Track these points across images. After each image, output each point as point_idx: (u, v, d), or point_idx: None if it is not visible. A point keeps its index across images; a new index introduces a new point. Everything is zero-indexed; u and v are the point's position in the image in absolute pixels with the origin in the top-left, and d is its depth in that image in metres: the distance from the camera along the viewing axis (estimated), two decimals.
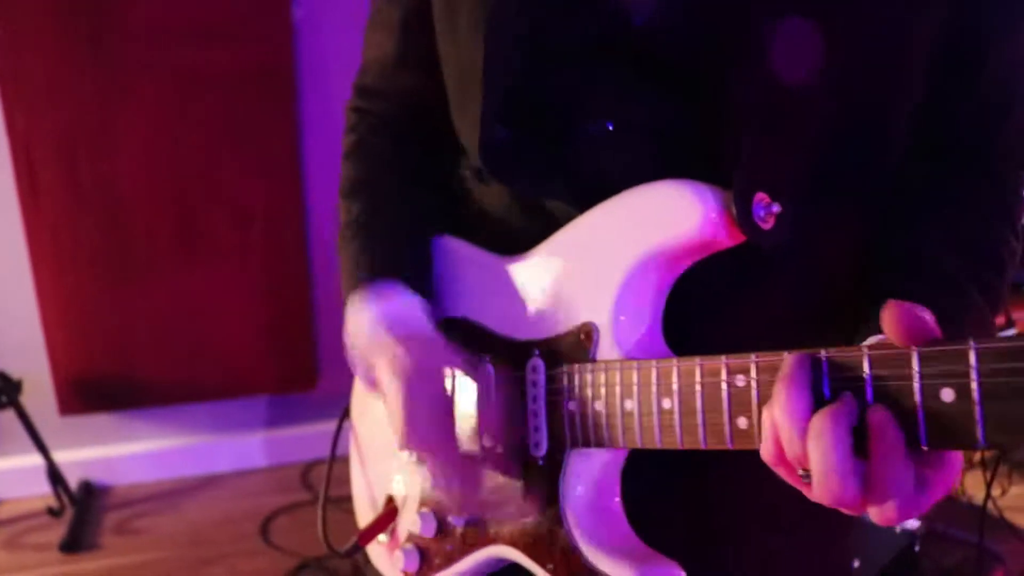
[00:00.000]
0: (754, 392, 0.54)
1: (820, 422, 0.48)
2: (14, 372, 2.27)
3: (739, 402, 0.54)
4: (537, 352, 0.69)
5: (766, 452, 0.52)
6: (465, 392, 0.70)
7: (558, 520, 0.66)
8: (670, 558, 0.63)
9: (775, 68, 0.58)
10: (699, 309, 0.65)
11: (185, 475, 2.60)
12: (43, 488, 2.37)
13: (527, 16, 0.67)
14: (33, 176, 2.22)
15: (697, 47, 0.63)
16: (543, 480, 0.68)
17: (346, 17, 2.37)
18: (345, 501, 2.80)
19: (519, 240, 0.72)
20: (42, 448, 2.30)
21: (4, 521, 2.39)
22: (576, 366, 0.65)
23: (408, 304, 0.72)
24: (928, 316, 0.46)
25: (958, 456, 0.49)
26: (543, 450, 0.68)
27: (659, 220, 0.60)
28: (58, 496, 2.33)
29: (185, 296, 2.44)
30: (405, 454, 0.83)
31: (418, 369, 0.67)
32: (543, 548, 0.68)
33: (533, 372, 0.69)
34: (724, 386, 0.55)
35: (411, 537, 0.81)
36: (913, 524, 1.61)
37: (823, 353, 0.50)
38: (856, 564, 1.47)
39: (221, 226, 2.41)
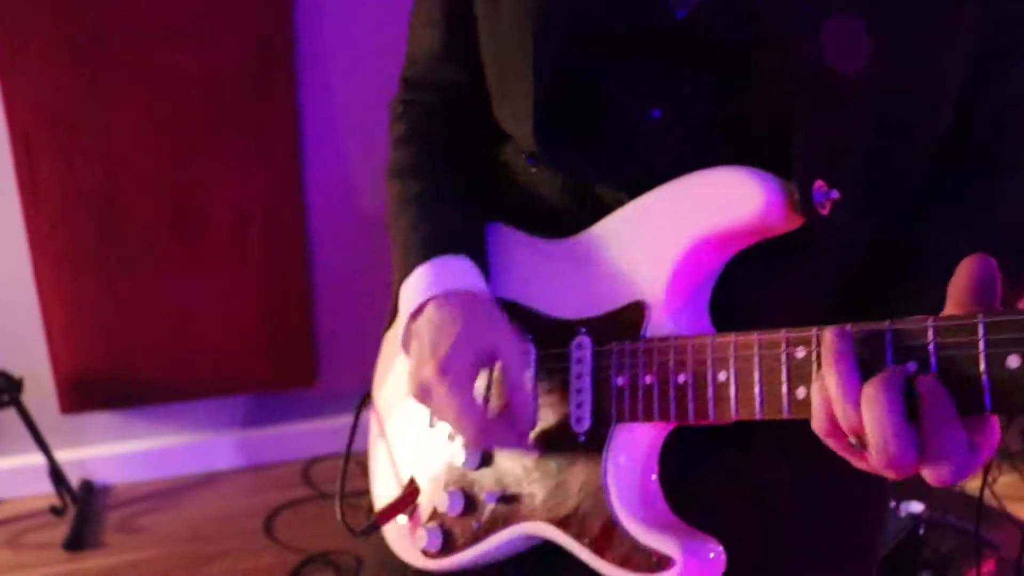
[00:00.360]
0: (815, 364, 0.56)
1: (873, 388, 0.50)
2: (14, 371, 2.26)
3: (799, 374, 0.56)
4: (584, 330, 0.71)
5: (819, 424, 0.54)
6: (510, 369, 0.71)
7: (599, 494, 0.68)
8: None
9: (823, 59, 0.61)
10: (744, 290, 0.67)
11: (185, 473, 2.59)
12: (43, 487, 2.36)
13: (572, 5, 0.69)
14: (34, 176, 2.21)
15: (740, 39, 0.65)
16: (584, 455, 0.70)
17: (346, 12, 2.38)
18: (351, 496, 2.80)
19: (567, 224, 0.74)
20: (44, 447, 2.29)
21: (6, 520, 2.37)
22: (627, 343, 0.67)
23: (470, 275, 0.74)
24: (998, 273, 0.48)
25: (996, 421, 0.52)
26: (585, 426, 0.70)
27: (720, 203, 0.63)
28: (60, 495, 2.32)
29: (184, 294, 2.43)
30: (431, 435, 0.84)
31: (469, 334, 0.69)
32: (581, 523, 0.69)
33: (579, 349, 0.71)
34: (784, 358, 0.57)
35: (435, 516, 0.82)
36: (918, 508, 1.65)
37: (887, 324, 0.52)
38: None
39: (220, 223, 2.41)
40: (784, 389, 0.57)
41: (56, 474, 2.31)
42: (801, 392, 0.57)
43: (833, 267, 0.70)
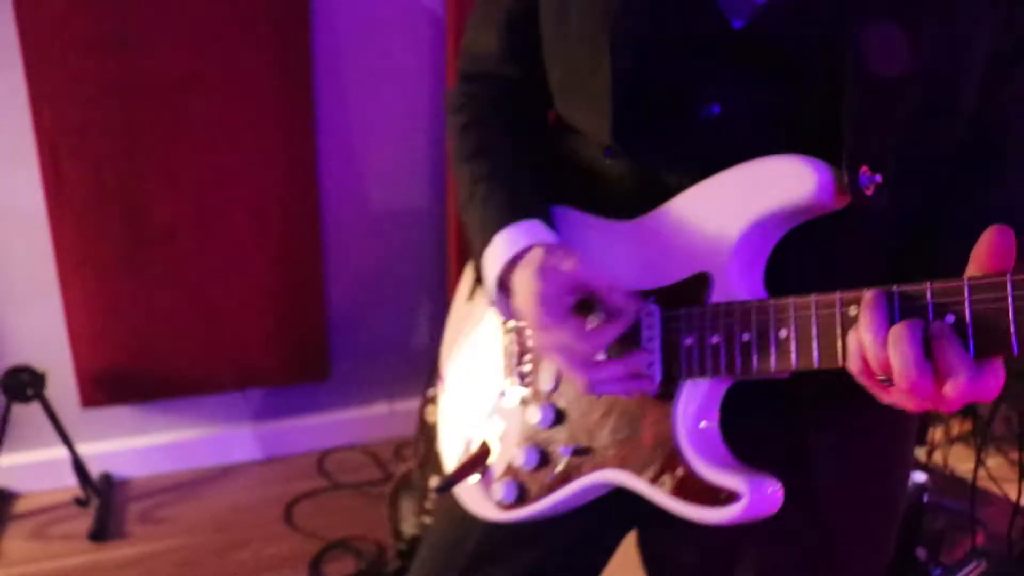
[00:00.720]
0: None
1: (897, 329, 0.61)
2: (37, 365, 2.31)
3: (852, 327, 0.66)
4: (653, 299, 0.80)
5: (853, 364, 0.65)
6: (610, 301, 0.79)
7: (669, 442, 0.78)
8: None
9: (866, 61, 0.71)
10: (795, 263, 0.77)
11: (202, 466, 2.66)
12: (64, 481, 2.41)
13: (642, 18, 0.78)
14: (59, 173, 2.26)
15: (791, 45, 0.75)
16: (655, 408, 0.79)
17: (362, 11, 2.46)
18: (366, 485, 2.90)
19: (631, 207, 0.83)
20: (67, 441, 2.35)
21: (28, 513, 2.43)
22: (694, 308, 0.77)
23: (546, 234, 0.84)
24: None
25: (1002, 365, 0.61)
26: (655, 384, 0.80)
27: (778, 186, 0.72)
28: (84, 487, 2.38)
29: (202, 289, 2.49)
30: (502, 400, 0.93)
31: (561, 276, 0.78)
32: (653, 468, 0.79)
33: (648, 316, 0.80)
34: (838, 315, 0.67)
35: (510, 471, 0.91)
36: (921, 478, 1.76)
37: (927, 284, 0.62)
38: None
39: (237, 218, 2.47)
40: (839, 342, 0.67)
41: (79, 467, 2.37)
42: None
43: (872, 245, 0.80)
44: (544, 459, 0.87)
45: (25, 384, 2.29)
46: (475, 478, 0.95)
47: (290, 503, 2.49)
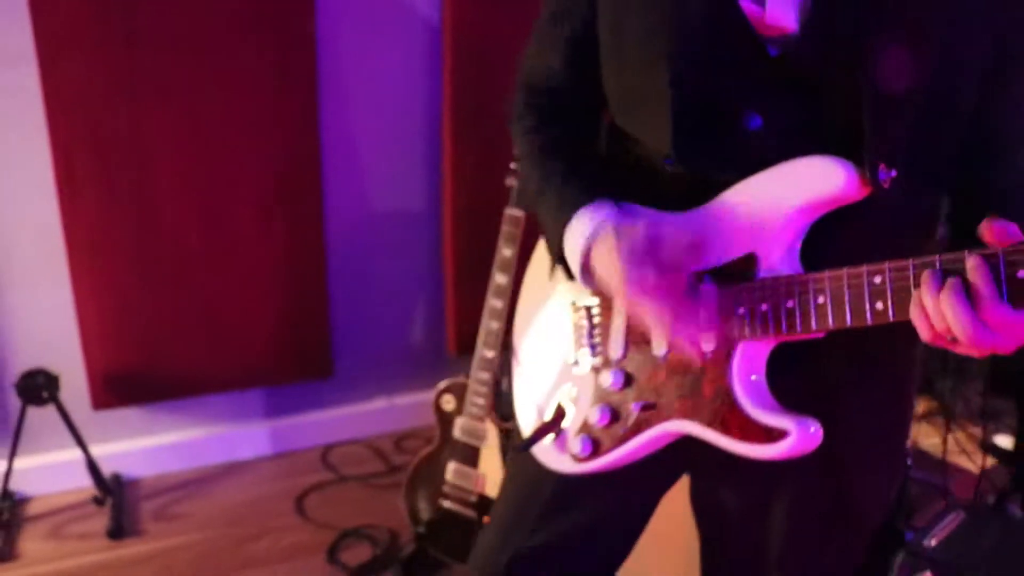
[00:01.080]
0: (888, 285, 0.82)
1: (942, 297, 0.76)
2: (50, 368, 2.36)
3: (876, 292, 0.83)
4: (708, 277, 0.96)
5: (925, 335, 0.80)
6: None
7: (727, 394, 0.93)
8: None
9: (881, 79, 0.87)
10: (826, 243, 0.93)
11: (210, 463, 2.74)
12: (77, 482, 2.48)
13: (696, 46, 0.94)
14: (71, 175, 2.32)
15: (819, 69, 0.91)
16: (713, 367, 0.95)
17: (364, 14, 2.58)
18: (371, 477, 3.01)
19: (683, 202, 0.98)
20: (81, 443, 2.41)
21: (44, 514, 2.48)
22: (744, 283, 0.93)
23: (618, 214, 0.99)
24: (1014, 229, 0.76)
25: None
26: (713, 346, 0.95)
27: (813, 180, 0.88)
28: (98, 487, 2.44)
29: (208, 290, 2.57)
30: (574, 368, 1.08)
31: (645, 235, 0.91)
32: (714, 415, 0.94)
33: (705, 291, 0.96)
34: (865, 283, 0.83)
35: (585, 428, 1.06)
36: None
37: (966, 252, 0.77)
38: None
39: (243, 219, 2.55)
40: (867, 304, 0.84)
41: (93, 468, 2.43)
42: (879, 305, 0.83)
43: (890, 229, 0.95)
44: (616, 416, 1.02)
45: (40, 387, 2.35)
46: (550, 438, 1.09)
47: (299, 496, 2.59)
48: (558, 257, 1.03)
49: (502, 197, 2.09)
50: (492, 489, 2.08)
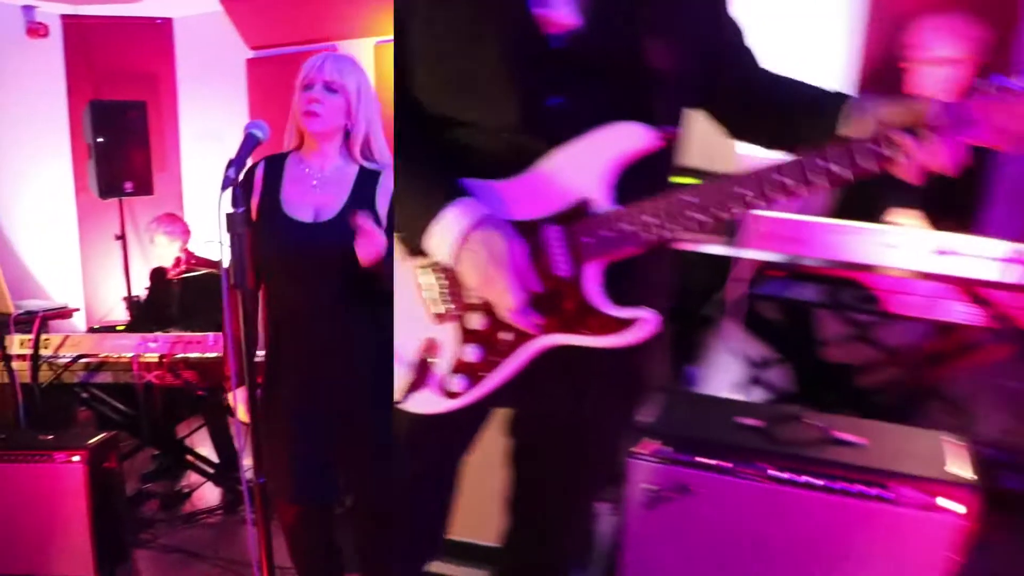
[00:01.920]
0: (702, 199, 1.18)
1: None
2: None
3: (692, 207, 1.18)
4: (552, 222, 1.23)
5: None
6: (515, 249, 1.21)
7: (586, 303, 1.23)
8: None
9: (647, 63, 1.24)
10: (631, 183, 1.24)
11: None
12: None
13: (510, 44, 1.22)
14: None
15: (596, 57, 1.22)
16: (570, 286, 1.23)
17: None
18: None
19: (512, 170, 1.24)
20: None
21: None
22: (583, 221, 1.22)
23: (482, 207, 1.23)
24: None
25: None
26: (566, 271, 1.23)
27: (623, 139, 1.21)
28: None
29: None
30: (438, 322, 1.27)
31: (497, 237, 1.19)
32: (580, 324, 1.22)
33: (552, 231, 1.22)
34: (679, 202, 1.18)
35: (459, 366, 1.26)
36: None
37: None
38: None
39: None
40: (680, 220, 1.18)
41: None
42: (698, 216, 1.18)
43: (676, 170, 1.33)
44: (488, 348, 1.25)
45: None
46: (425, 392, 1.26)
47: None
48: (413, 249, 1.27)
49: None
50: None
